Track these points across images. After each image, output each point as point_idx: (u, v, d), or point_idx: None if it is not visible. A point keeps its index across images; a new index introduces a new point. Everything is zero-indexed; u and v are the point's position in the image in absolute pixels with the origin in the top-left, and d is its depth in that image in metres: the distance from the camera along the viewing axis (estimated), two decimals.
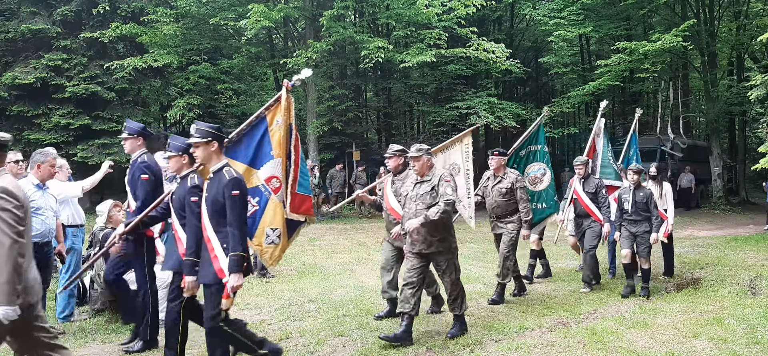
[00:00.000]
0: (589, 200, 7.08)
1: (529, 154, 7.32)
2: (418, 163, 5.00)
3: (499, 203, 6.43)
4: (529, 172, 7.23)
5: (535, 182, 7.21)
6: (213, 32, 17.72)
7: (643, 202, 6.75)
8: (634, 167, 6.91)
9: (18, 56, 16.78)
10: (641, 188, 6.82)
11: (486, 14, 20.06)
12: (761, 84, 12.83)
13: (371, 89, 23.75)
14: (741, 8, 20.05)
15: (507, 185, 6.38)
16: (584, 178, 7.20)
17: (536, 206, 7.15)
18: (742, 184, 23.63)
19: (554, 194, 7.30)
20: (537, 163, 7.29)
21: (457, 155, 6.35)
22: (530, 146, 7.32)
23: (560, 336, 5.06)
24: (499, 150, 6.62)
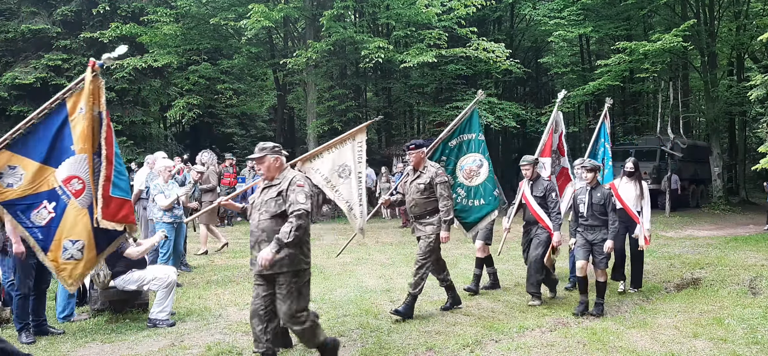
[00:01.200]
0: (538, 205, 6.33)
1: (461, 144, 6.43)
2: (262, 165, 4.16)
3: (417, 201, 5.69)
4: (463, 165, 6.37)
5: (471, 176, 6.37)
6: (213, 32, 17.71)
7: (600, 204, 5.88)
8: (588, 164, 6.09)
9: (18, 56, 16.79)
10: (599, 187, 6.00)
11: (486, 14, 20.05)
12: (761, 84, 12.83)
13: (371, 88, 23.75)
14: (741, 8, 20.06)
15: (425, 181, 5.64)
16: (532, 180, 6.47)
17: (473, 202, 6.40)
18: (742, 184, 23.64)
19: (495, 188, 6.45)
20: (472, 154, 6.43)
21: (348, 154, 5.57)
22: (462, 135, 6.43)
23: (560, 336, 5.06)
24: (416, 141, 5.86)
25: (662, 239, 11.99)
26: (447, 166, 6.23)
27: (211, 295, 6.75)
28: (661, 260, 9.08)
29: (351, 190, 5.52)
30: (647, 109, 26.65)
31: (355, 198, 5.50)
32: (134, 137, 17.95)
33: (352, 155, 5.58)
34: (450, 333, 5.17)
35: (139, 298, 5.91)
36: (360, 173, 5.66)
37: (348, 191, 5.55)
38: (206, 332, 5.25)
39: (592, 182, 5.97)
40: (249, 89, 22.60)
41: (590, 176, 5.96)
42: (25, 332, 4.99)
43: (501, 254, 6.81)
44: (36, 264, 5.03)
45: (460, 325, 5.46)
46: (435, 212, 5.65)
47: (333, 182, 5.57)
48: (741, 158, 24.39)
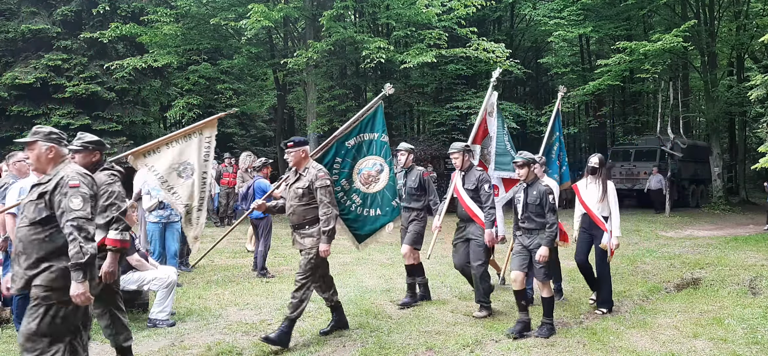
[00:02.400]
0: (470, 199, 5.67)
1: (360, 145, 5.53)
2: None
3: (295, 208, 4.88)
4: (362, 168, 5.50)
5: (369, 182, 5.54)
6: (213, 32, 17.70)
7: (536, 204, 5.12)
8: (520, 159, 5.23)
9: (18, 56, 16.78)
10: (535, 184, 5.23)
11: (486, 14, 20.05)
12: (761, 84, 12.84)
13: (371, 89, 23.73)
14: (741, 8, 20.06)
15: (304, 184, 4.82)
16: (465, 171, 5.81)
17: (369, 212, 5.56)
18: (742, 184, 23.64)
19: (394, 197, 5.67)
20: (372, 156, 5.54)
21: (193, 151, 4.96)
22: (363, 133, 5.54)
23: (560, 336, 5.06)
24: (296, 138, 5.04)
25: (662, 239, 11.99)
26: (342, 169, 5.40)
27: (211, 295, 6.75)
28: (661, 260, 9.09)
29: (192, 191, 4.92)
30: (647, 109, 26.66)
31: (196, 201, 4.92)
32: (134, 137, 17.94)
33: (198, 152, 4.97)
34: (450, 333, 5.17)
35: (139, 298, 5.91)
36: (205, 172, 5.02)
37: (188, 192, 4.97)
38: (206, 332, 5.25)
39: (526, 178, 5.23)
40: (249, 89, 22.60)
41: (522, 172, 5.20)
42: None
43: (430, 257, 6.09)
44: None
45: (460, 325, 5.46)
46: (316, 221, 4.84)
47: (170, 183, 4.96)
48: (741, 158, 24.39)
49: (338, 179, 5.39)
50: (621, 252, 9.94)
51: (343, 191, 5.45)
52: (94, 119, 16.19)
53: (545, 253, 5.01)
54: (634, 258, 9.29)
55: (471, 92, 19.03)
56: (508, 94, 25.05)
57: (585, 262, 6.01)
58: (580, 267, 6.07)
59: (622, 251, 10.04)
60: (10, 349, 4.83)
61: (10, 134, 15.95)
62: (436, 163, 18.26)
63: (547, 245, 5.03)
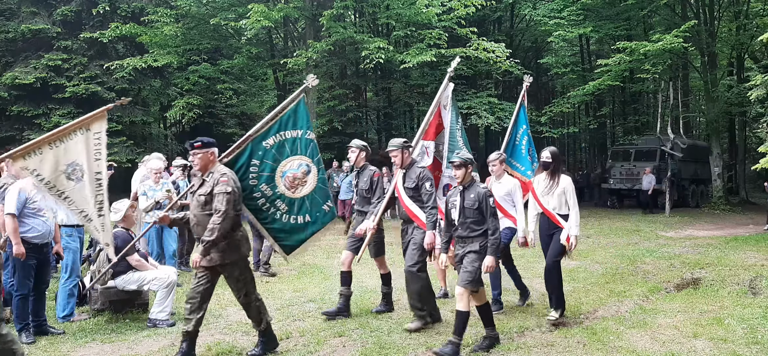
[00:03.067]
0: (409, 199, 5.25)
1: (281, 144, 4.90)
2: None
3: (198, 218, 4.36)
4: (286, 170, 4.90)
5: (295, 185, 4.93)
6: (213, 32, 17.72)
7: (474, 208, 4.61)
8: (456, 159, 4.74)
9: (18, 56, 16.80)
10: (473, 186, 4.71)
11: (486, 14, 20.06)
12: (761, 84, 12.85)
13: (371, 89, 23.76)
14: (741, 8, 20.07)
15: (206, 191, 4.32)
16: (406, 168, 5.35)
17: (297, 219, 4.93)
18: (742, 184, 23.64)
19: (326, 200, 5.10)
20: (297, 156, 4.96)
21: (80, 150, 4.47)
22: (284, 131, 4.94)
23: (560, 336, 5.06)
24: (203, 139, 4.49)
25: (662, 239, 11.99)
26: (261, 172, 4.77)
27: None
28: (661, 260, 9.08)
29: (85, 195, 4.45)
30: (647, 109, 26.66)
31: (92, 207, 4.44)
32: (134, 137, 17.95)
33: (86, 150, 4.49)
34: (450, 333, 5.16)
35: (139, 298, 5.91)
36: (99, 173, 4.54)
37: (81, 197, 4.49)
38: (206, 332, 5.25)
39: (463, 180, 4.71)
40: (249, 89, 22.61)
41: (459, 174, 4.69)
42: (26, 332, 5.00)
43: (360, 261, 5.65)
44: (35, 265, 5.04)
45: None
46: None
47: (59, 187, 4.45)
48: (741, 158, 24.39)
49: (257, 184, 4.74)
50: (621, 252, 9.95)
51: (264, 198, 4.78)
52: None
53: (492, 263, 4.52)
54: (634, 258, 9.29)
55: (471, 92, 19.04)
56: (508, 94, 25.03)
57: (553, 266, 5.48)
58: (545, 273, 5.56)
59: (622, 251, 10.04)
60: None
61: (10, 134, 15.96)
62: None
63: (493, 255, 4.52)
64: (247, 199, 4.71)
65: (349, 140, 5.99)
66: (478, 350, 4.66)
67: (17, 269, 5.01)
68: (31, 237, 4.95)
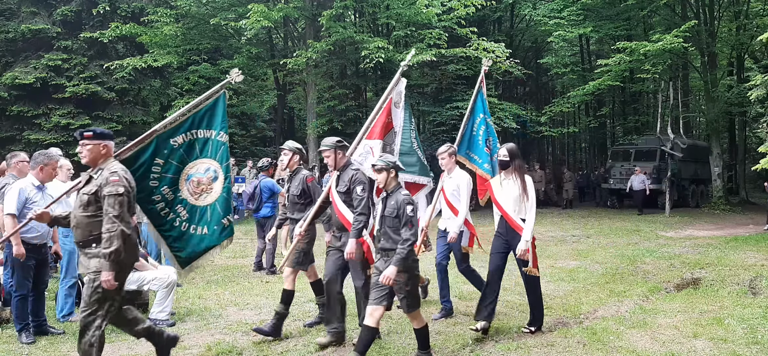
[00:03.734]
0: (343, 204, 4.76)
1: (192, 143, 4.39)
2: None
3: (79, 220, 3.78)
4: (192, 173, 4.38)
5: (200, 191, 4.39)
6: (213, 32, 17.72)
7: (393, 215, 4.18)
8: (379, 163, 4.30)
9: (18, 56, 16.79)
10: (396, 193, 4.25)
11: (486, 14, 20.06)
12: (761, 84, 12.86)
13: (371, 89, 23.76)
14: (741, 8, 20.08)
15: (91, 190, 3.77)
16: (340, 170, 4.88)
17: (196, 229, 4.38)
18: (742, 184, 23.65)
19: (226, 214, 4.48)
20: (206, 159, 4.44)
21: None
22: (197, 129, 4.42)
23: (560, 336, 5.06)
24: (96, 129, 3.99)
25: (662, 239, 12.00)
26: (164, 173, 4.26)
27: (211, 295, 6.76)
28: (661, 260, 9.09)
29: None
30: (647, 109, 26.68)
31: None
32: (134, 137, 17.91)
33: None
34: (450, 333, 5.17)
35: (139, 298, 5.91)
36: None
37: None
38: (206, 332, 5.25)
39: (385, 185, 4.27)
40: (249, 89, 22.60)
41: (381, 178, 4.25)
42: (25, 332, 5.00)
43: (280, 271, 5.33)
44: (34, 265, 5.04)
45: (460, 325, 5.45)
46: None
47: None
48: (741, 158, 24.41)
49: (158, 186, 4.23)
50: (621, 252, 9.95)
51: (164, 202, 4.26)
52: (94, 119, 16.20)
53: (392, 274, 4.02)
54: (634, 258, 9.29)
55: (471, 92, 19.05)
56: (508, 94, 25.04)
57: (493, 271, 5.09)
58: (488, 277, 5.15)
59: (622, 251, 10.04)
60: (11, 349, 4.83)
61: (10, 134, 15.96)
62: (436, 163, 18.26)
63: (396, 265, 4.04)
64: (144, 202, 4.20)
65: (350, 140, 5.74)
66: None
67: (16, 269, 5.01)
68: (30, 238, 4.95)
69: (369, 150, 4.95)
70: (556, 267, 8.59)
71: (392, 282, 4.05)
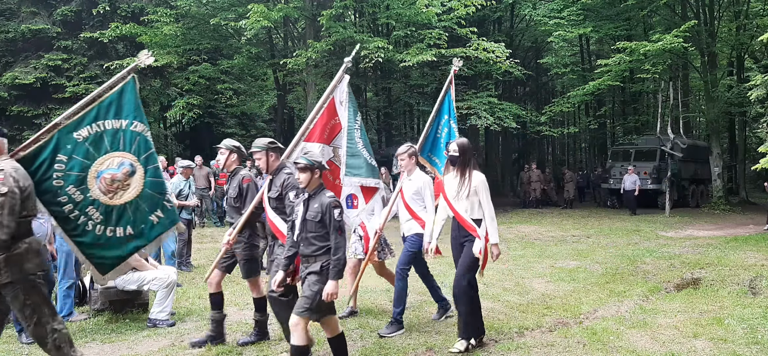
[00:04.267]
0: (273, 212, 4.43)
1: (99, 136, 3.99)
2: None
3: None
4: (102, 170, 3.97)
5: (114, 190, 3.99)
6: (213, 32, 17.73)
7: (317, 220, 3.86)
8: (302, 161, 3.93)
9: (18, 56, 16.81)
10: (320, 194, 3.93)
11: (486, 15, 20.06)
12: (761, 84, 12.86)
13: (371, 89, 23.78)
14: (741, 8, 20.09)
15: None
16: (273, 175, 4.54)
17: (113, 232, 4.00)
18: (742, 184, 23.66)
19: (153, 212, 4.14)
20: (118, 153, 4.03)
21: None
22: (102, 120, 4.01)
23: (560, 336, 5.05)
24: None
25: (662, 239, 12.00)
26: (69, 171, 3.87)
27: None
28: (661, 260, 9.09)
29: None
30: (647, 109, 26.69)
31: None
32: None
33: None
34: (450, 333, 5.16)
35: (139, 298, 5.91)
36: None
37: None
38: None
39: (307, 185, 3.94)
40: (249, 89, 22.61)
41: (303, 178, 3.91)
42: (26, 333, 5.00)
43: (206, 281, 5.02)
44: None
45: None
46: None
47: None
48: (741, 158, 24.42)
49: (63, 185, 3.84)
50: (621, 252, 9.94)
51: (71, 203, 3.86)
52: None
53: (332, 289, 3.76)
54: (634, 258, 9.29)
55: (471, 92, 19.05)
56: (508, 94, 25.05)
57: (459, 280, 4.57)
58: (454, 290, 4.63)
59: (622, 251, 10.03)
60: (11, 349, 4.83)
61: (10, 134, 15.92)
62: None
63: (335, 279, 3.77)
64: (50, 204, 3.82)
65: None
66: None
67: None
68: None
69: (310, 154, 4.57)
70: (556, 267, 8.59)
71: (334, 296, 3.79)
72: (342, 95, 4.92)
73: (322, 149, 4.70)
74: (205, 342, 4.83)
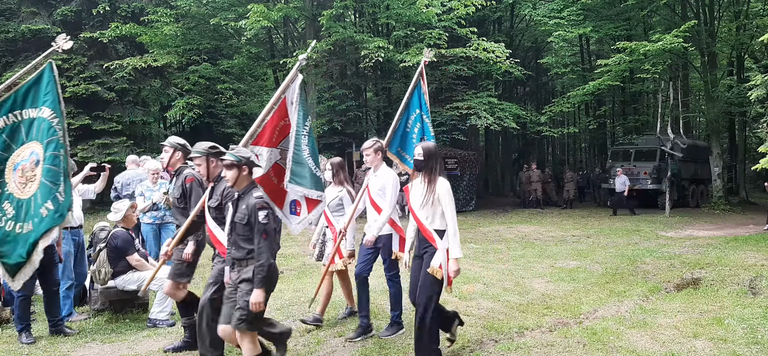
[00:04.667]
0: (213, 221, 4.16)
1: (15, 127, 3.83)
2: None
3: None
4: (19, 161, 3.79)
5: (25, 181, 3.80)
6: (213, 32, 17.74)
7: (244, 222, 3.64)
8: (229, 157, 3.73)
9: (18, 56, 16.80)
10: (248, 195, 3.69)
11: (486, 15, 20.07)
12: (761, 84, 12.86)
13: (371, 89, 23.77)
14: (741, 8, 20.09)
15: None
16: (214, 182, 4.28)
17: (20, 228, 3.84)
18: (742, 184, 23.66)
19: (44, 203, 3.88)
20: (31, 143, 3.82)
21: None
22: (19, 110, 3.84)
23: (560, 336, 5.05)
24: None
25: (662, 239, 11.99)
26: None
27: None
28: (661, 260, 9.08)
29: None
30: (647, 109, 26.70)
31: None
32: (134, 137, 17.96)
33: None
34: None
35: (139, 298, 5.91)
36: None
37: None
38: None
39: (235, 184, 3.73)
40: (249, 89, 22.62)
41: (230, 175, 3.71)
42: (26, 333, 5.00)
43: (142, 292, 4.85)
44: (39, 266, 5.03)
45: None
46: None
47: None
48: (741, 158, 24.41)
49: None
50: (621, 252, 9.94)
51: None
52: (94, 119, 16.22)
53: (258, 298, 3.52)
54: (634, 258, 9.29)
55: (471, 92, 19.05)
56: (508, 94, 25.04)
57: (421, 316, 4.11)
58: (416, 324, 4.19)
59: (622, 251, 10.03)
60: (11, 349, 4.83)
61: None
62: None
63: (261, 287, 3.53)
64: None
65: (349, 140, 5.32)
66: None
67: None
68: None
69: (257, 157, 4.21)
70: (556, 267, 8.58)
71: (260, 306, 3.54)
72: (293, 95, 4.53)
73: (270, 153, 4.36)
74: (182, 348, 4.65)
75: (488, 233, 13.00)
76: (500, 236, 12.59)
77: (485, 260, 9.20)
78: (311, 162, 4.62)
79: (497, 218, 16.51)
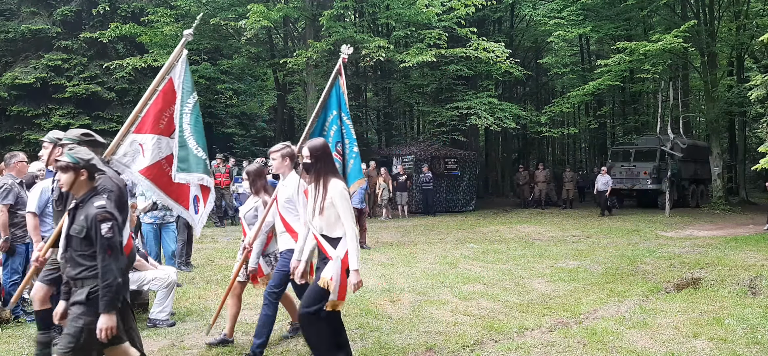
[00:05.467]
0: None
1: None
2: None
3: None
4: None
5: None
6: (213, 32, 17.74)
7: (82, 235, 3.08)
8: (63, 158, 3.22)
9: (18, 56, 16.82)
10: (88, 203, 3.14)
11: (486, 15, 20.08)
12: (761, 84, 12.87)
13: (371, 89, 23.78)
14: (741, 8, 20.09)
15: None
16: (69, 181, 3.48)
17: None
18: (742, 184, 23.67)
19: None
20: None
21: None
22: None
23: (560, 336, 5.05)
24: None
25: (662, 239, 11.99)
26: None
27: (211, 295, 6.75)
28: (661, 260, 9.08)
29: None
30: (647, 109, 26.72)
31: None
32: None
33: None
34: (450, 333, 5.17)
35: (139, 298, 5.91)
36: None
37: None
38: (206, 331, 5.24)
39: (71, 188, 3.21)
40: (249, 89, 22.63)
41: (64, 179, 3.20)
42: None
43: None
44: None
45: (460, 325, 5.45)
46: None
47: None
48: (741, 158, 24.42)
49: None
50: (621, 252, 9.93)
51: None
52: (94, 119, 16.22)
53: (109, 324, 3.02)
54: (634, 258, 9.29)
55: (471, 92, 19.06)
56: (508, 94, 25.05)
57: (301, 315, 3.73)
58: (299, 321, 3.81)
59: (622, 251, 10.03)
60: (10, 349, 4.83)
61: (10, 134, 15.97)
62: (436, 163, 18.26)
63: (107, 311, 3.01)
64: None
65: None
66: None
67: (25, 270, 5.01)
68: None
69: (138, 148, 3.75)
70: (556, 267, 8.58)
71: (111, 332, 3.03)
72: (179, 76, 4.08)
73: (158, 141, 3.91)
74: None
75: (488, 233, 13.00)
76: (500, 236, 12.59)
77: (485, 261, 9.20)
78: (192, 142, 4.17)
79: (497, 218, 16.51)
